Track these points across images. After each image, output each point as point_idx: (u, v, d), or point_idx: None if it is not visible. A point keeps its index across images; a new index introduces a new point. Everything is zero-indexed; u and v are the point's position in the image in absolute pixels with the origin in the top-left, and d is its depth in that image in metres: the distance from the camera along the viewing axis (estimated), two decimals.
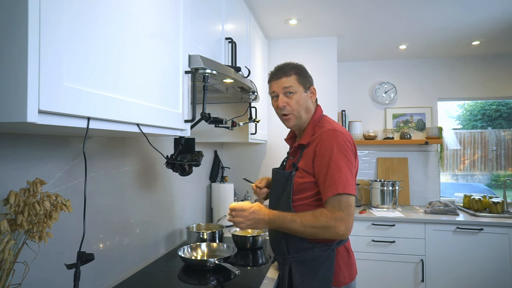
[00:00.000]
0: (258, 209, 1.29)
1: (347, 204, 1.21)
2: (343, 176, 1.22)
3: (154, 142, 1.41)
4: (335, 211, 1.21)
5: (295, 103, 1.38)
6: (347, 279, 1.32)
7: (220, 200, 2.41)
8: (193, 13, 1.33)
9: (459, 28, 2.66)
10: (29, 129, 0.83)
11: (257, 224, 1.29)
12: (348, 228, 1.21)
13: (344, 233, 1.21)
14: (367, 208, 3.16)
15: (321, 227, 1.21)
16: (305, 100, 1.40)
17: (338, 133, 1.29)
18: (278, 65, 1.45)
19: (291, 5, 2.31)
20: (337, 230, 1.20)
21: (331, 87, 2.91)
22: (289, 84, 1.38)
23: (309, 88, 1.43)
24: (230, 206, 1.32)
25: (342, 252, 1.33)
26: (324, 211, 1.23)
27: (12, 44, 0.57)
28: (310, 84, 1.44)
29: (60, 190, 1.09)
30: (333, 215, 1.20)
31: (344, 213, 1.20)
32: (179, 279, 1.45)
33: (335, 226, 1.20)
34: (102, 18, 0.76)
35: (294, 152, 1.45)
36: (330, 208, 1.22)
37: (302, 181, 1.32)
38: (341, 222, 1.20)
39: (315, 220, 1.22)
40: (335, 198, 1.22)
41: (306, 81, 1.42)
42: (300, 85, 1.39)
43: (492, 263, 2.63)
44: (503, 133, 4.17)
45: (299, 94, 1.39)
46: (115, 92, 0.80)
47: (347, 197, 1.22)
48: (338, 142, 1.27)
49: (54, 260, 1.07)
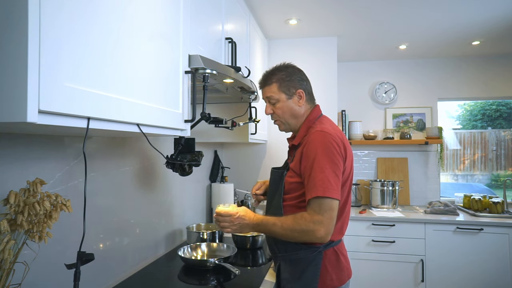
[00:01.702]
0: (243, 214, 1.30)
1: (328, 208, 1.19)
2: (325, 179, 1.20)
3: (154, 142, 1.41)
4: (315, 214, 1.19)
5: (279, 111, 1.40)
6: (336, 282, 1.30)
7: (220, 200, 2.41)
8: (193, 13, 1.33)
9: (459, 28, 2.66)
10: (29, 129, 0.83)
11: (242, 228, 1.31)
12: (327, 232, 1.19)
13: (323, 237, 1.19)
14: (367, 208, 3.16)
15: (300, 230, 1.20)
16: (289, 107, 1.39)
17: (326, 134, 1.26)
18: (264, 72, 1.45)
19: (291, 5, 2.31)
20: (315, 233, 1.19)
21: (331, 87, 2.90)
22: (270, 93, 1.40)
23: (294, 93, 1.39)
24: (216, 210, 1.33)
25: (330, 255, 1.31)
26: (304, 214, 1.22)
27: (12, 44, 0.57)
28: (296, 88, 1.39)
29: (60, 190, 1.09)
30: (312, 218, 1.19)
31: (324, 217, 1.19)
32: (179, 279, 1.45)
33: (314, 230, 1.18)
34: (102, 18, 0.76)
35: (290, 152, 1.47)
36: (310, 211, 1.21)
37: (291, 181, 1.33)
38: (320, 226, 1.18)
39: (294, 223, 1.22)
40: (315, 201, 1.20)
41: (289, 86, 1.38)
42: (281, 92, 1.38)
43: (492, 263, 2.63)
44: (503, 133, 4.17)
45: (282, 102, 1.39)
46: (115, 92, 0.80)
47: (329, 200, 1.20)
48: (324, 143, 1.24)
49: (54, 260, 1.07)
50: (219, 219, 1.32)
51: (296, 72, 1.42)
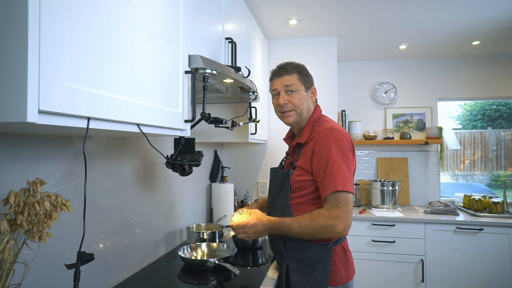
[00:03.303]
0: (255, 222, 1.32)
1: (345, 202, 1.22)
2: (341, 174, 1.23)
3: (154, 142, 1.41)
4: (333, 209, 1.21)
5: (297, 100, 1.40)
6: (344, 278, 1.32)
7: (220, 200, 2.41)
8: (193, 12, 1.33)
9: (459, 28, 2.66)
10: (29, 129, 0.83)
11: (258, 234, 1.34)
12: (346, 226, 1.21)
13: (343, 231, 1.21)
14: (367, 208, 3.16)
15: (319, 227, 1.22)
16: (306, 99, 1.42)
17: (336, 131, 1.30)
18: (280, 64, 1.46)
19: (291, 5, 2.31)
20: (335, 228, 1.20)
21: (331, 87, 2.90)
22: (291, 82, 1.40)
23: (310, 88, 1.45)
24: (231, 223, 1.38)
25: (339, 251, 1.33)
26: (321, 211, 1.23)
27: (12, 43, 0.56)
28: (311, 84, 1.46)
29: (60, 190, 1.09)
30: (330, 213, 1.21)
31: (342, 211, 1.20)
32: (179, 279, 1.45)
33: (333, 225, 1.20)
34: (102, 17, 0.76)
35: (292, 151, 1.46)
36: (328, 206, 1.22)
37: (300, 179, 1.33)
38: (339, 220, 1.20)
39: (312, 221, 1.23)
40: (333, 196, 1.22)
41: (307, 80, 1.43)
42: (301, 83, 1.41)
43: (492, 263, 2.63)
44: (503, 133, 4.16)
45: (301, 93, 1.40)
46: (115, 92, 0.80)
47: (345, 194, 1.22)
48: (337, 140, 1.28)
49: (54, 260, 1.07)
50: (234, 230, 1.36)
51: (308, 71, 1.48)
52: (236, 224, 1.35)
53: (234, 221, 1.36)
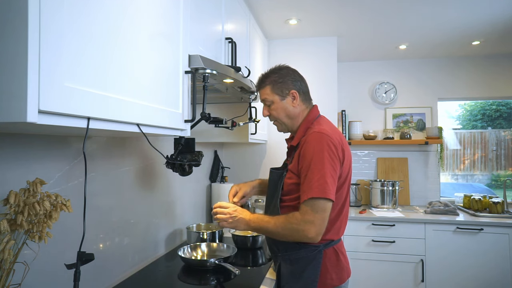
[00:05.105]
0: (241, 210, 1.35)
1: (321, 209, 1.20)
2: (321, 180, 1.20)
3: (154, 142, 1.41)
4: (306, 214, 1.20)
5: (274, 112, 1.42)
6: (335, 281, 1.31)
7: (220, 200, 2.41)
8: (193, 12, 1.33)
9: (459, 28, 2.66)
10: (29, 129, 0.83)
11: (238, 223, 1.33)
12: (318, 232, 1.20)
13: (314, 237, 1.20)
14: (367, 208, 3.16)
15: (291, 229, 1.22)
16: (284, 108, 1.40)
17: (323, 135, 1.26)
18: (259, 76, 1.48)
19: (291, 5, 2.31)
20: (306, 233, 1.19)
21: (331, 87, 2.90)
22: (264, 96, 1.43)
23: (288, 94, 1.40)
24: (217, 204, 1.39)
25: (330, 254, 1.32)
26: (296, 214, 1.23)
27: (12, 44, 0.56)
28: (289, 89, 1.40)
29: (60, 190, 1.09)
30: (303, 217, 1.20)
31: (315, 217, 1.19)
32: (179, 279, 1.45)
33: (304, 229, 1.19)
34: (102, 17, 0.76)
35: (288, 153, 1.48)
36: (302, 211, 1.22)
37: (290, 182, 1.33)
38: (311, 225, 1.19)
39: (286, 222, 1.23)
40: (309, 202, 1.21)
41: (282, 87, 1.39)
42: (275, 94, 1.40)
43: (492, 263, 2.63)
44: (503, 133, 4.16)
45: (276, 104, 1.41)
46: (115, 92, 0.80)
47: (323, 202, 1.20)
48: (321, 145, 1.24)
49: (54, 260, 1.07)
50: (218, 211, 1.35)
51: (289, 73, 1.43)
52: (224, 204, 1.37)
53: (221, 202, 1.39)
